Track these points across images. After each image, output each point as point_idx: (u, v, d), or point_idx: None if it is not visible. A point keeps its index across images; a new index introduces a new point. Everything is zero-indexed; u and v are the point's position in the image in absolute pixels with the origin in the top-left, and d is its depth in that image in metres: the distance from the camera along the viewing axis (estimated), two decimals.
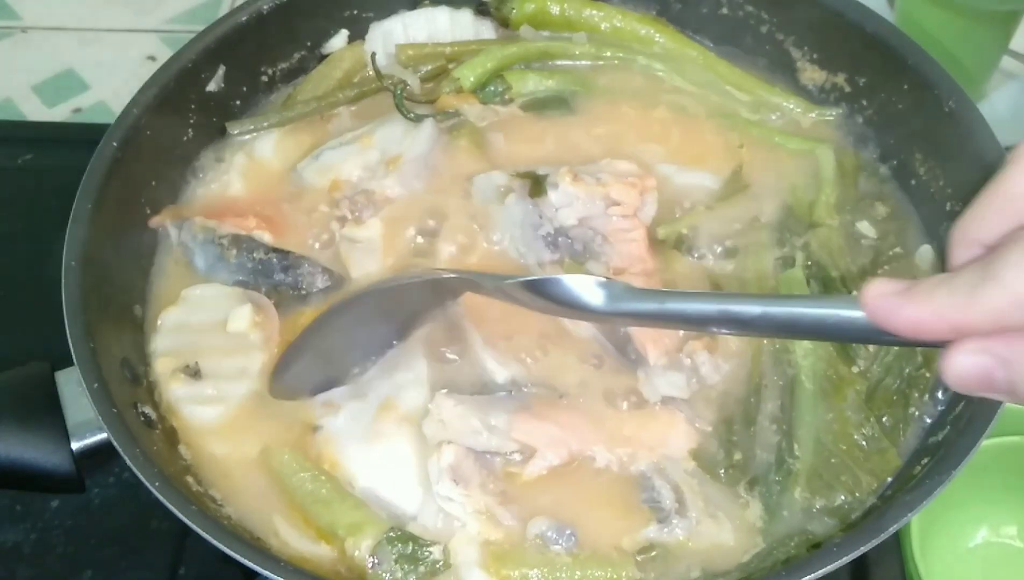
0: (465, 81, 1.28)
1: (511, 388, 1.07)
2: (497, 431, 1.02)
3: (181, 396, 1.09)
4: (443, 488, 1.00)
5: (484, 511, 0.99)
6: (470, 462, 1.01)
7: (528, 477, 1.02)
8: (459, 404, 1.03)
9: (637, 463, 1.03)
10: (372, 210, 1.19)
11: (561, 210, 1.15)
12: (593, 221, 1.15)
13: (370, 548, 0.97)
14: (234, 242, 1.16)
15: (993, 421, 0.96)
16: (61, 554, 1.26)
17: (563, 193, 1.15)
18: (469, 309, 1.10)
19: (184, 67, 1.23)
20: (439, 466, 1.01)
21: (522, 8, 1.35)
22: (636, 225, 1.16)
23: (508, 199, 1.17)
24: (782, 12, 1.32)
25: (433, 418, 1.03)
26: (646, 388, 1.06)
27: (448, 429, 1.02)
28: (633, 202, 1.16)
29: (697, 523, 1.00)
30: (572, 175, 1.16)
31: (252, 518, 1.03)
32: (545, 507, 1.01)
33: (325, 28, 1.36)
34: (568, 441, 1.03)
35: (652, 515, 1.01)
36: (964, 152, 1.14)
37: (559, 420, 1.04)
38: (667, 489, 1.01)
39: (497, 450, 1.03)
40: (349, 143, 1.25)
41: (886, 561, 1.20)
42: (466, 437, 1.02)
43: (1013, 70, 1.60)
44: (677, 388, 1.07)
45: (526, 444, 1.02)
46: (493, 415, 1.03)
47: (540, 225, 1.15)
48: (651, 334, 1.08)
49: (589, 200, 1.15)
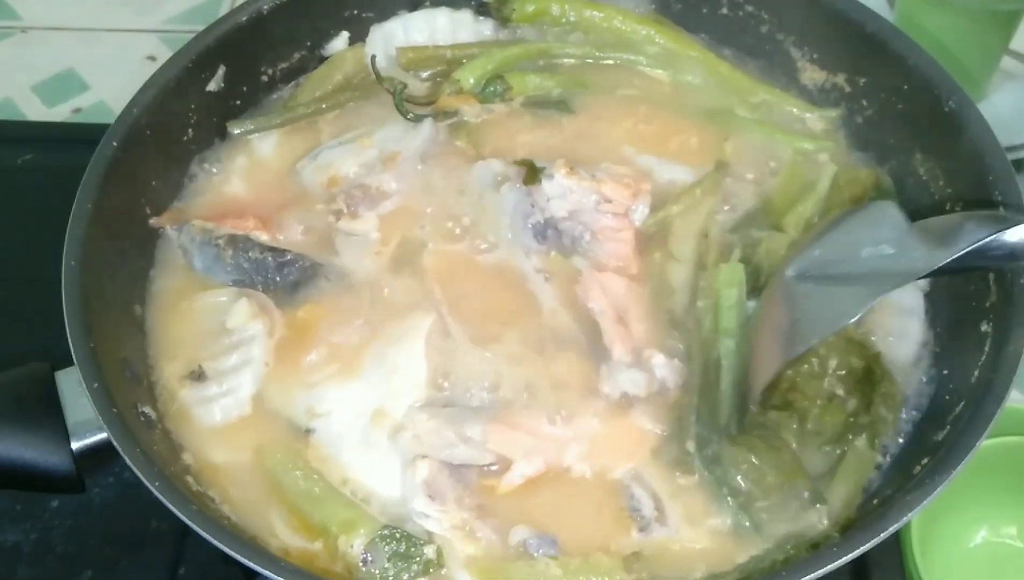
0: (465, 83, 1.29)
1: (486, 390, 1.07)
2: (472, 443, 1.02)
3: (190, 401, 1.09)
4: (418, 504, 1.00)
5: (461, 526, 1.00)
6: (445, 476, 1.01)
7: (505, 488, 1.02)
8: (432, 418, 1.04)
9: (613, 471, 1.03)
10: (368, 204, 1.20)
11: (553, 200, 1.16)
12: (583, 216, 1.16)
13: (363, 545, 0.97)
14: (230, 242, 1.17)
15: (993, 421, 0.96)
16: (61, 554, 1.26)
17: (557, 184, 1.15)
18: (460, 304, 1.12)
19: (184, 67, 1.23)
20: (414, 482, 1.01)
21: (522, 9, 1.35)
22: (626, 225, 1.16)
23: (503, 187, 1.18)
24: (782, 12, 1.32)
25: (407, 432, 1.03)
26: (607, 383, 1.07)
27: (423, 443, 1.02)
28: (625, 201, 1.16)
29: (678, 530, 1.01)
30: (568, 167, 1.16)
31: (250, 517, 1.03)
32: (524, 517, 1.01)
33: (325, 28, 1.36)
34: (543, 450, 1.03)
35: (632, 523, 1.01)
36: (964, 152, 1.14)
37: (532, 429, 1.04)
38: (646, 497, 1.02)
39: (473, 462, 1.03)
40: (348, 142, 1.26)
41: (886, 561, 1.20)
42: (441, 450, 1.02)
43: (1013, 70, 1.60)
44: (637, 386, 1.07)
45: (502, 455, 1.03)
46: (468, 426, 1.03)
47: (531, 214, 1.16)
48: (620, 331, 1.09)
49: (582, 194, 1.16)
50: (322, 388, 1.09)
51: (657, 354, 1.08)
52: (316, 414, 1.07)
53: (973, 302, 1.10)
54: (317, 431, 1.07)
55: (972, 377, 1.05)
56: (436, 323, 1.11)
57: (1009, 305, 1.04)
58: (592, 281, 1.13)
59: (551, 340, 1.11)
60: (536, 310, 1.13)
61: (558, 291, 1.14)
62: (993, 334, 1.05)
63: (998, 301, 1.07)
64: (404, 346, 1.09)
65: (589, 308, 1.11)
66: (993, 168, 1.11)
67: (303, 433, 1.07)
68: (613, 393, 1.07)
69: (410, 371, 1.08)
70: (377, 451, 1.05)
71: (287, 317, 1.14)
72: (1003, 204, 1.08)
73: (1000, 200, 1.09)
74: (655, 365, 1.08)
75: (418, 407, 1.05)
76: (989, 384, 1.00)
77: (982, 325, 1.07)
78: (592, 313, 1.11)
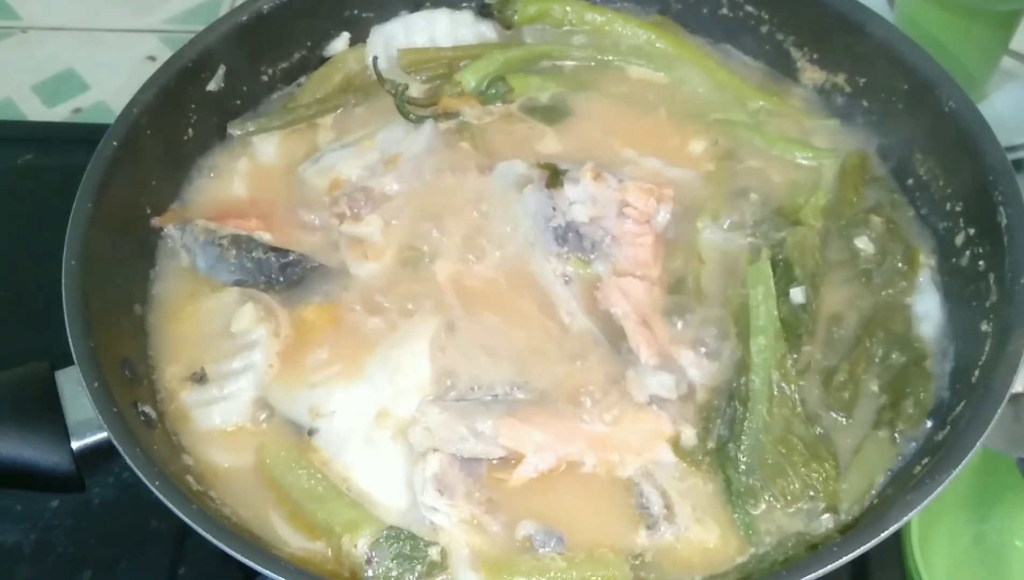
0: (467, 85, 1.29)
1: (498, 391, 1.07)
2: (484, 437, 1.02)
3: (190, 403, 1.09)
4: (428, 498, 1.00)
5: (470, 520, 0.99)
6: (455, 470, 1.01)
7: (515, 483, 1.02)
8: (444, 411, 1.03)
9: (625, 468, 1.03)
10: (371, 207, 1.20)
11: (575, 205, 1.16)
12: (605, 221, 1.16)
13: (367, 545, 0.97)
14: (233, 242, 1.17)
15: (993, 421, 0.96)
16: (61, 554, 1.26)
17: (581, 190, 1.16)
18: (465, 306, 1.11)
19: (184, 67, 1.23)
20: (424, 475, 1.01)
21: (524, 11, 1.35)
22: (647, 231, 1.16)
23: (526, 189, 1.18)
24: (782, 12, 1.32)
25: (419, 426, 1.03)
26: (635, 387, 1.07)
27: (434, 436, 1.02)
28: (648, 209, 1.16)
29: (686, 529, 1.01)
30: (594, 173, 1.16)
31: (251, 517, 1.03)
32: (532, 512, 1.01)
33: (325, 29, 1.36)
34: (555, 446, 1.03)
35: (641, 520, 1.01)
36: (964, 152, 1.14)
37: (545, 425, 1.04)
38: (655, 495, 1.02)
39: (484, 456, 1.03)
40: (350, 145, 1.26)
41: (886, 561, 1.20)
42: (452, 444, 1.02)
43: (1013, 70, 1.60)
44: (665, 389, 1.07)
45: (513, 450, 1.02)
46: (479, 421, 1.03)
47: (552, 217, 1.16)
48: (646, 334, 1.08)
49: (605, 199, 1.16)
50: (325, 388, 1.08)
51: (686, 351, 1.08)
52: (320, 414, 1.07)
53: (973, 302, 1.10)
54: (320, 431, 1.06)
55: (972, 377, 1.05)
56: (443, 324, 1.11)
57: (1009, 305, 1.04)
58: (612, 286, 1.13)
59: (566, 341, 1.11)
60: (552, 311, 1.13)
61: (578, 294, 1.14)
62: (993, 334, 1.05)
63: (998, 301, 1.07)
64: (408, 347, 1.09)
65: (612, 312, 1.11)
66: (993, 168, 1.11)
67: (306, 433, 1.07)
68: (642, 397, 1.06)
69: (414, 373, 1.08)
70: (380, 452, 1.04)
71: (293, 316, 1.14)
72: (1003, 204, 1.08)
73: (1000, 200, 1.09)
74: (685, 363, 1.08)
75: (430, 400, 1.05)
76: (989, 384, 1.00)
77: (982, 325, 1.07)
78: (616, 317, 1.10)
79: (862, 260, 1.17)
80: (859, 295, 1.15)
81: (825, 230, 1.18)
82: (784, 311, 1.09)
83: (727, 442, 1.04)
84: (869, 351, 1.10)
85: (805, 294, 1.12)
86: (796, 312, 1.11)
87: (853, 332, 1.13)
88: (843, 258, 1.18)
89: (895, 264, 1.16)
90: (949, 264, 1.16)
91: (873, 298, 1.15)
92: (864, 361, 1.10)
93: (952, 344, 1.12)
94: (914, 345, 1.12)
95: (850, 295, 1.15)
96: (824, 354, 1.11)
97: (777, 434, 1.03)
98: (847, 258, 1.17)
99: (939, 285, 1.16)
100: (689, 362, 1.09)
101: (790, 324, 1.09)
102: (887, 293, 1.15)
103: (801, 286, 1.12)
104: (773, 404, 1.04)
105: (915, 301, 1.15)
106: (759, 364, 1.05)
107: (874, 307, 1.14)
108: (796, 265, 1.13)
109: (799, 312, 1.11)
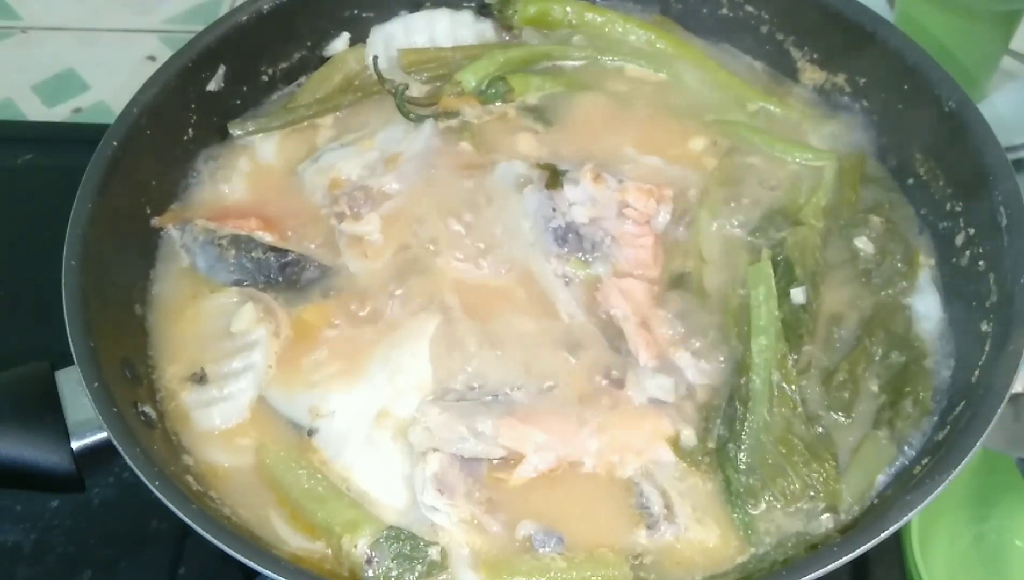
0: (467, 84, 1.29)
1: (498, 391, 1.07)
2: (484, 437, 1.02)
3: (190, 403, 1.09)
4: (428, 498, 1.00)
5: (470, 520, 1.00)
6: (455, 470, 1.01)
7: (515, 483, 1.02)
8: (444, 411, 1.03)
9: (625, 468, 1.03)
10: (370, 206, 1.20)
11: (575, 206, 1.16)
12: (605, 222, 1.16)
13: (368, 545, 0.97)
14: (233, 242, 1.17)
15: (993, 421, 0.96)
16: (61, 554, 1.26)
17: (581, 190, 1.16)
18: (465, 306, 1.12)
19: (184, 67, 1.23)
20: (424, 475, 1.01)
21: (524, 11, 1.36)
22: (646, 232, 1.16)
23: (526, 189, 1.18)
24: (782, 12, 1.32)
25: (419, 426, 1.03)
26: (634, 389, 1.07)
27: (434, 436, 1.02)
28: (647, 210, 1.16)
29: (686, 529, 1.01)
30: (594, 174, 1.16)
31: (250, 517, 1.03)
32: (532, 512, 1.01)
33: (325, 28, 1.36)
34: (555, 446, 1.03)
35: (641, 520, 1.01)
36: (964, 152, 1.14)
37: (545, 424, 1.04)
38: (655, 495, 1.02)
39: (484, 456, 1.03)
40: (349, 144, 1.26)
41: (886, 561, 1.20)
42: (452, 444, 1.02)
43: (1013, 70, 1.60)
44: (664, 391, 1.07)
45: (513, 450, 1.02)
46: (479, 421, 1.03)
47: (552, 218, 1.16)
48: (645, 337, 1.09)
49: (605, 200, 1.16)
50: (325, 388, 1.08)
51: (684, 353, 1.09)
52: (319, 414, 1.07)
53: (973, 302, 1.10)
54: (320, 431, 1.06)
55: (972, 377, 1.05)
56: (443, 324, 1.11)
57: (1009, 305, 1.04)
58: (613, 287, 1.13)
59: (566, 341, 1.11)
60: (551, 312, 1.13)
61: (577, 294, 1.14)
62: (993, 334, 1.05)
63: (998, 301, 1.07)
64: (408, 347, 1.09)
65: (612, 314, 1.11)
66: (993, 168, 1.11)
67: (306, 433, 1.07)
68: (640, 399, 1.06)
69: (414, 372, 1.08)
70: (380, 452, 1.04)
71: (293, 315, 1.14)
72: (1003, 204, 1.08)
73: (1000, 200, 1.09)
74: (683, 366, 1.08)
75: (430, 400, 1.05)
76: (989, 384, 1.00)
77: (982, 325, 1.07)
78: (615, 319, 1.11)
79: (862, 260, 1.17)
80: (859, 295, 1.16)
81: (826, 230, 1.18)
82: (785, 311, 1.09)
83: (727, 442, 1.04)
84: (869, 351, 1.11)
85: (806, 294, 1.12)
86: (797, 312, 1.11)
87: (853, 332, 1.13)
88: (843, 258, 1.18)
89: (895, 264, 1.16)
90: (949, 264, 1.16)
91: (873, 298, 1.15)
92: (864, 361, 1.10)
93: (952, 344, 1.12)
94: (914, 345, 1.12)
95: (850, 295, 1.16)
96: (824, 354, 1.11)
97: (777, 434, 1.03)
98: (847, 258, 1.18)
99: (939, 285, 1.16)
100: (688, 365, 1.09)
101: (791, 324, 1.09)
102: (887, 293, 1.15)
103: (802, 286, 1.12)
104: (773, 404, 1.04)
105: (915, 301, 1.15)
106: (760, 364, 1.06)
107: (874, 307, 1.15)
108: (797, 265, 1.14)
109: (800, 312, 1.11)
